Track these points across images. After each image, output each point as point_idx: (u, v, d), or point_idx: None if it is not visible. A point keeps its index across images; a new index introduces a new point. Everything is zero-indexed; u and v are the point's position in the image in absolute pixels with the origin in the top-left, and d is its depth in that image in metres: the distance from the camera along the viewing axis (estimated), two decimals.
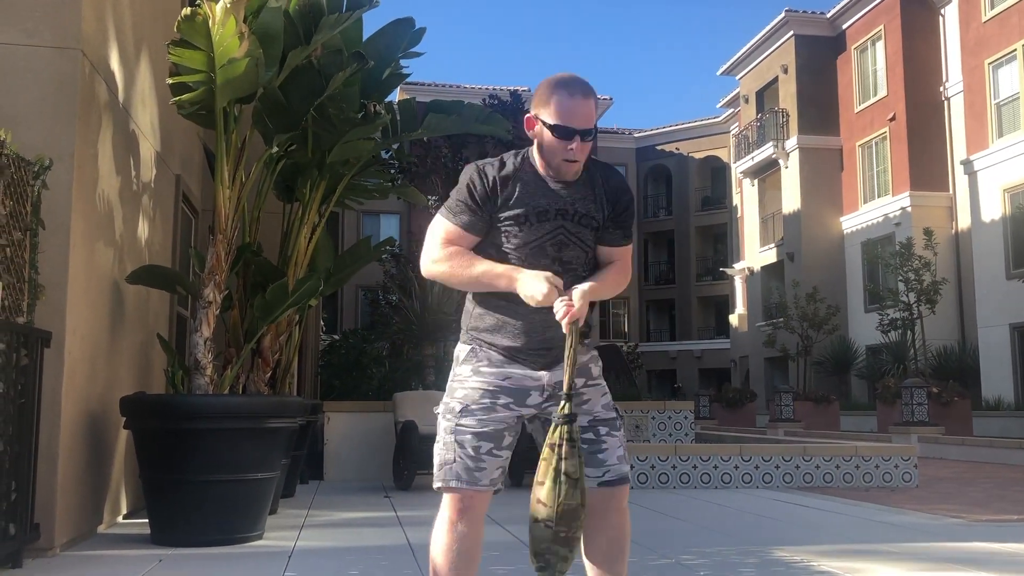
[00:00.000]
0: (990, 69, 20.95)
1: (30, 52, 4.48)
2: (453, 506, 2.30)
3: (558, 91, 2.28)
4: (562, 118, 2.26)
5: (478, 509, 2.32)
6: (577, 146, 2.28)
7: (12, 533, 3.78)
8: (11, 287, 3.82)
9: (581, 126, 2.27)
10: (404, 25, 6.20)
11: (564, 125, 2.26)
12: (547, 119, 2.28)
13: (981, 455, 13.30)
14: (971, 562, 4.34)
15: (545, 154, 2.33)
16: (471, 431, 2.31)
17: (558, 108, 2.26)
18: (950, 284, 22.24)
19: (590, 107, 2.29)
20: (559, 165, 2.31)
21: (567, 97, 2.27)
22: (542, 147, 2.33)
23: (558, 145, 2.28)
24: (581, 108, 2.27)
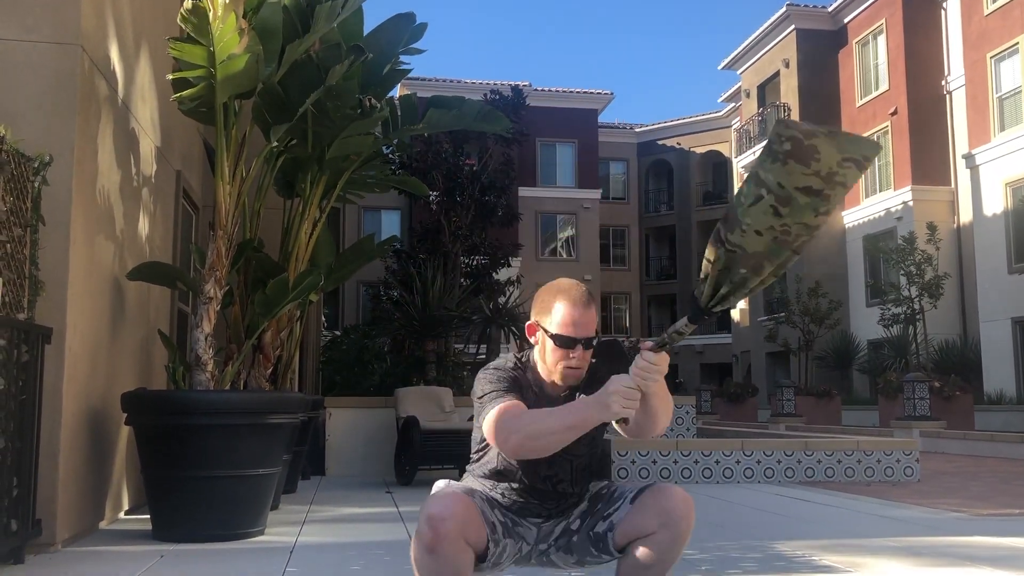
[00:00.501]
0: (992, 63, 20.90)
1: (30, 48, 4.48)
2: (429, 531, 2.16)
3: (560, 301, 2.33)
4: (564, 328, 2.31)
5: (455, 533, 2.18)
6: (580, 354, 2.32)
7: (14, 529, 3.78)
8: (11, 283, 3.81)
9: (583, 335, 2.31)
10: (405, 20, 6.18)
11: (567, 336, 2.30)
12: (549, 328, 2.33)
13: (983, 449, 13.30)
14: (973, 556, 4.34)
15: (547, 360, 2.36)
16: (467, 486, 2.40)
17: (560, 318, 2.31)
18: (952, 278, 22.22)
19: (592, 315, 2.34)
20: (561, 371, 2.35)
21: (570, 307, 2.31)
22: (544, 353, 2.37)
23: (560, 354, 2.32)
24: (583, 318, 2.31)
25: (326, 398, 9.50)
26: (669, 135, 40.83)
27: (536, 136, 30.79)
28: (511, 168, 19.67)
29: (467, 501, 2.26)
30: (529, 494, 2.42)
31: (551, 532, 2.45)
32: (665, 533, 2.29)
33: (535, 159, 33.19)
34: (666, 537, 2.29)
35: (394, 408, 8.67)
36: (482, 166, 18.77)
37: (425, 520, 2.17)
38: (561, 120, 33.14)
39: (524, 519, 2.44)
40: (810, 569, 4.00)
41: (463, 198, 17.96)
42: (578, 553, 2.43)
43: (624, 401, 2.11)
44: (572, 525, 2.45)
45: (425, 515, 2.18)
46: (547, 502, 2.44)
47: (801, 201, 1.76)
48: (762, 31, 30.01)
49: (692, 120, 40.34)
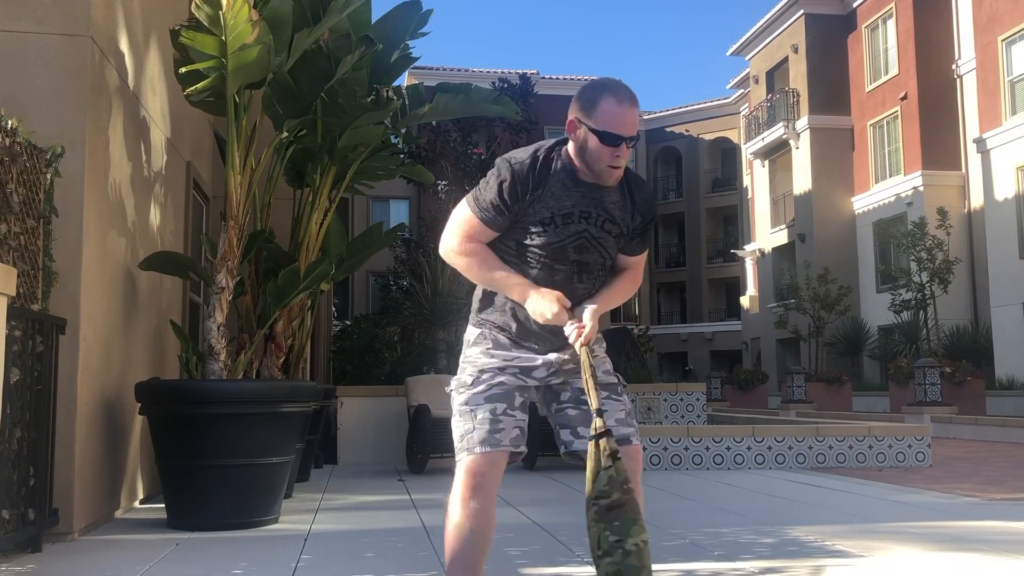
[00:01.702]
0: (1003, 46, 20.73)
1: (40, 40, 4.49)
2: (467, 482, 2.31)
3: (605, 97, 2.26)
4: (610, 125, 2.25)
5: (491, 483, 2.32)
6: (623, 152, 2.29)
7: (31, 518, 3.82)
8: (26, 275, 3.84)
9: (628, 133, 2.27)
10: (411, 7, 6.18)
11: (612, 132, 2.25)
12: (593, 125, 2.26)
13: (995, 434, 13.26)
14: (986, 540, 4.34)
15: (588, 159, 2.31)
16: (483, 395, 2.38)
17: (605, 115, 2.25)
18: (963, 263, 22.14)
19: (635, 115, 2.30)
20: (602, 171, 2.31)
21: (615, 104, 2.26)
22: (584, 151, 2.30)
23: (604, 152, 2.28)
24: (628, 116, 2.27)
25: (337, 387, 9.53)
26: (678, 122, 40.70)
27: (544, 124, 30.67)
28: None
29: (503, 456, 2.33)
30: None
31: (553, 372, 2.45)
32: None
33: None
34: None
35: (405, 397, 8.70)
36: (490, 154, 18.75)
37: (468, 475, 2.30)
38: (569, 108, 32.99)
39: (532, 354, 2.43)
40: (823, 554, 4.01)
41: (471, 186, 17.92)
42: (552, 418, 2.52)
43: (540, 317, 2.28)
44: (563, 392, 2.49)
45: (468, 472, 2.30)
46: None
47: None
48: (771, 16, 29.83)
49: (701, 107, 40.19)
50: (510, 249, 2.39)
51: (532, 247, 2.36)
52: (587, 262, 2.39)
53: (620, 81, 2.33)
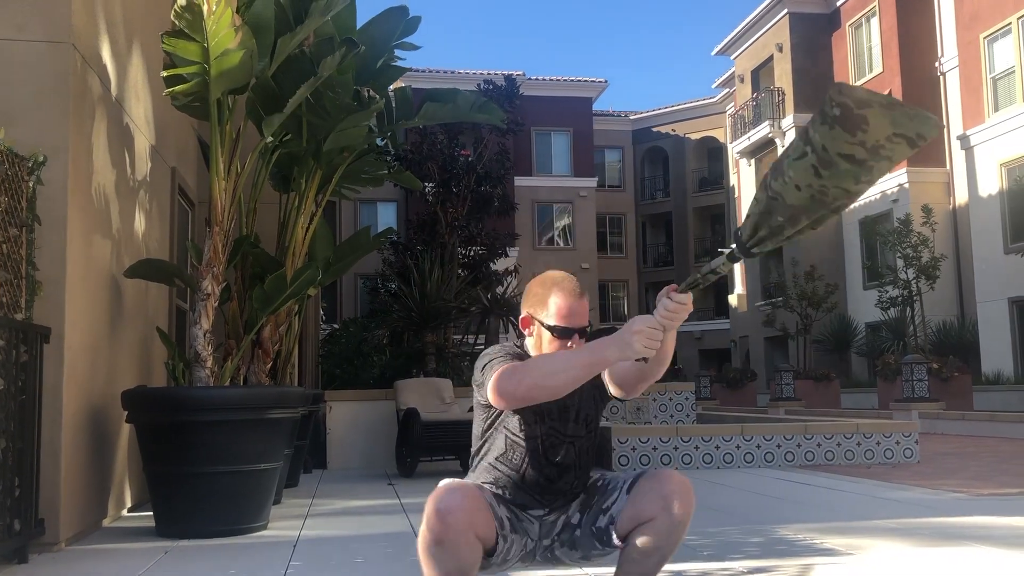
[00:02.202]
0: (985, 43, 20.87)
1: (21, 47, 4.46)
2: (437, 523, 2.15)
3: (555, 292, 2.37)
4: (561, 319, 2.35)
5: (463, 524, 2.17)
6: (576, 343, 2.35)
7: (17, 529, 3.79)
8: (9, 284, 3.81)
9: (579, 325, 2.35)
10: (398, 13, 6.17)
11: (564, 326, 2.35)
12: (546, 320, 2.37)
13: (982, 429, 13.35)
14: (974, 536, 4.36)
15: (544, 352, 2.38)
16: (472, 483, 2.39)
17: (556, 310, 2.36)
18: (949, 260, 22.26)
19: (585, 305, 2.39)
20: None
21: (565, 298, 2.36)
22: (540, 344, 2.39)
23: (558, 344, 2.36)
24: (578, 308, 2.36)
25: (326, 392, 9.50)
26: (664, 122, 40.80)
27: (531, 125, 30.75)
28: (506, 158, 19.66)
29: (475, 493, 2.26)
30: (531, 485, 2.42)
31: (553, 526, 2.46)
32: (665, 518, 2.29)
33: (530, 148, 33.16)
34: (666, 522, 2.29)
35: (394, 400, 8.69)
36: (477, 156, 18.76)
37: (434, 512, 2.15)
38: (555, 109, 33.09)
39: (526, 512, 2.44)
40: (812, 552, 4.02)
41: (459, 189, 17.95)
42: (582, 548, 2.44)
43: (647, 341, 2.03)
44: (572, 519, 2.46)
45: (433, 507, 2.16)
46: (547, 495, 2.44)
47: (842, 167, 1.72)
48: (755, 16, 29.95)
49: (687, 106, 40.30)
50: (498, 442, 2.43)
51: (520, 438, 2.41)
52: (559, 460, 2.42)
53: (566, 275, 2.43)
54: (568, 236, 34.56)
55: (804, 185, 1.77)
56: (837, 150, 1.69)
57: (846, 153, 1.69)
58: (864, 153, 1.69)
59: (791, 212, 1.84)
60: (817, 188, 1.77)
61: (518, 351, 2.42)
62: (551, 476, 2.42)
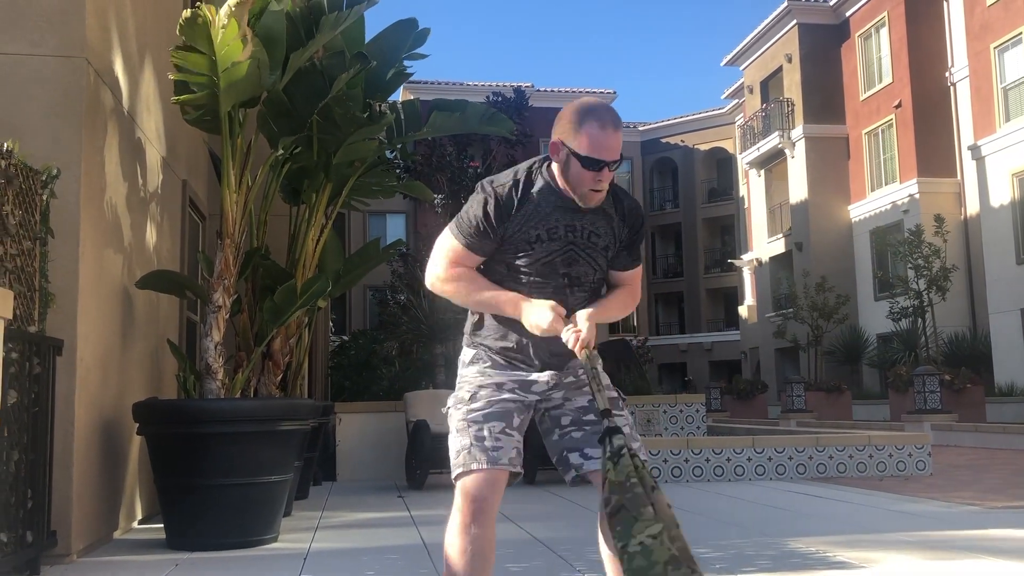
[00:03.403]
0: (996, 53, 20.83)
1: (36, 62, 4.50)
2: (466, 507, 2.27)
3: (588, 121, 2.24)
4: (592, 150, 2.23)
5: (491, 507, 2.29)
6: (606, 176, 2.27)
7: (30, 540, 3.80)
8: (22, 296, 3.83)
9: (610, 158, 2.25)
10: (407, 26, 6.20)
11: (594, 157, 2.23)
12: (576, 149, 2.24)
13: (995, 441, 13.25)
14: (988, 549, 4.33)
15: (570, 181, 2.30)
16: (482, 412, 2.35)
17: (588, 139, 2.23)
18: (960, 270, 22.15)
19: (619, 138, 2.27)
20: (584, 194, 2.30)
21: (598, 129, 2.23)
22: (567, 172, 2.30)
23: (586, 175, 2.26)
24: (611, 140, 2.24)
25: (336, 404, 9.51)
26: (673, 133, 40.81)
27: (539, 137, 30.72)
28: None
29: (501, 475, 2.29)
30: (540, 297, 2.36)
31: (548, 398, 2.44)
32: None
33: None
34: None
35: (404, 412, 8.68)
36: (486, 168, 18.79)
37: (466, 499, 2.26)
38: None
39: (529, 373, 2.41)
40: (825, 565, 4.00)
41: (468, 200, 17.96)
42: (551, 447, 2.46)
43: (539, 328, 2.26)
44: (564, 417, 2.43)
45: (468, 494, 2.26)
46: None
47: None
48: (764, 27, 29.96)
49: (695, 117, 40.30)
50: (498, 270, 2.38)
51: (520, 266, 2.35)
52: (577, 275, 2.38)
53: (604, 103, 2.30)
54: None
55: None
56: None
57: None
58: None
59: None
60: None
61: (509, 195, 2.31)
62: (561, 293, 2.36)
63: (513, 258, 2.36)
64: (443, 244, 2.40)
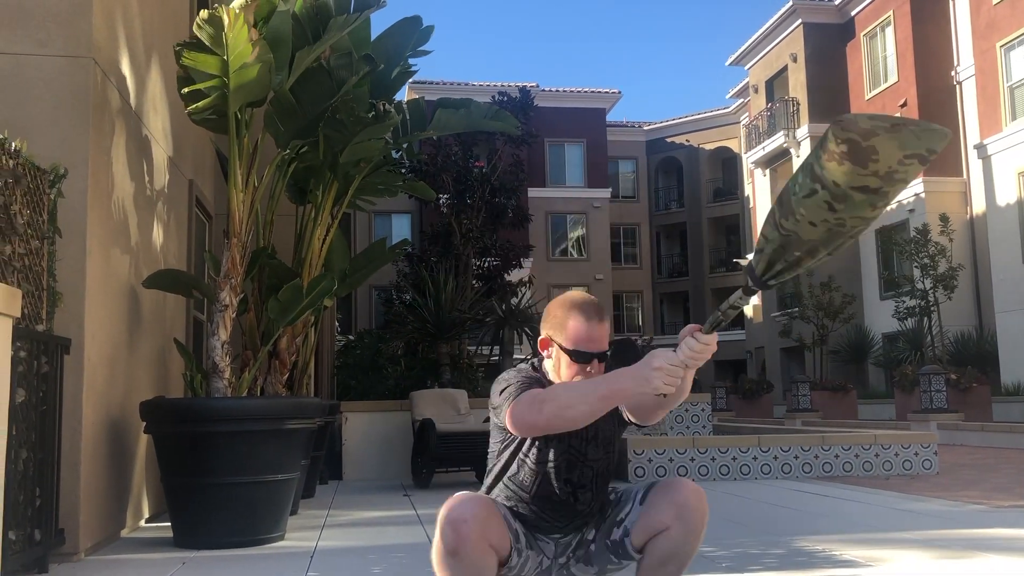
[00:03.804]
0: (1002, 52, 20.77)
1: (43, 62, 4.52)
2: (452, 533, 2.16)
3: (574, 316, 2.31)
4: (580, 343, 2.30)
5: (477, 535, 2.17)
6: (595, 368, 2.32)
7: (38, 539, 3.81)
8: (30, 295, 3.85)
9: (598, 350, 2.31)
10: (412, 24, 6.22)
11: (582, 351, 2.30)
12: (564, 343, 2.32)
13: (1002, 441, 13.22)
14: (994, 547, 4.32)
15: (562, 375, 2.35)
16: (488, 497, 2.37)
17: (575, 334, 2.30)
18: (966, 269, 22.10)
19: (605, 329, 2.33)
20: None
21: (584, 323, 2.30)
22: (559, 366, 2.35)
23: (577, 368, 2.32)
24: (597, 332, 2.31)
25: (342, 403, 9.53)
26: (678, 132, 40.78)
27: (544, 136, 30.80)
28: (520, 169, 19.68)
29: (488, 504, 2.25)
30: (546, 507, 2.39)
31: (568, 544, 2.45)
32: (679, 526, 2.28)
33: (544, 160, 33.21)
34: (681, 530, 2.28)
35: (410, 411, 8.70)
36: (491, 168, 18.80)
37: (447, 522, 2.15)
38: (569, 120, 33.15)
39: (542, 535, 2.43)
40: (831, 564, 4.00)
41: (473, 200, 17.98)
42: (598, 562, 2.43)
43: (666, 378, 2.02)
44: (587, 535, 2.44)
45: (446, 517, 2.16)
46: (563, 517, 2.42)
47: (857, 199, 1.69)
48: (769, 26, 29.93)
49: (700, 117, 40.27)
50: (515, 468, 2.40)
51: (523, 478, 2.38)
52: (575, 479, 2.39)
53: (588, 298, 2.36)
54: (582, 247, 34.54)
55: (819, 220, 1.75)
56: (850, 184, 1.67)
57: (859, 185, 1.67)
58: (878, 182, 1.67)
59: (808, 246, 1.82)
60: (834, 221, 1.75)
61: (534, 375, 2.37)
62: (567, 497, 2.39)
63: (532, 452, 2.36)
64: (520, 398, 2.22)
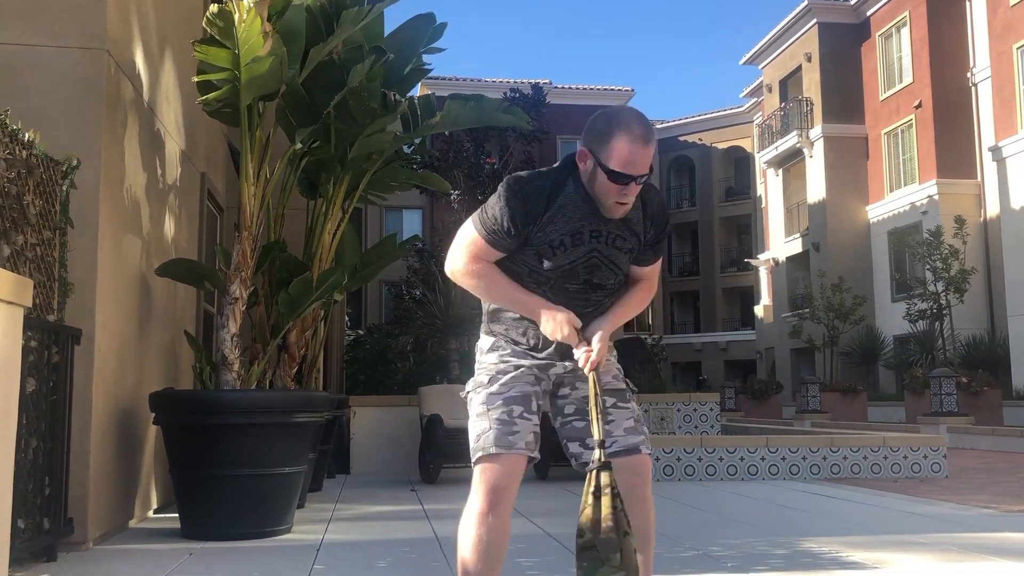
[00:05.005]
0: (1018, 54, 20.62)
1: (57, 53, 4.54)
2: (486, 496, 2.26)
3: (618, 134, 2.16)
4: (621, 164, 2.16)
5: (509, 496, 2.29)
6: (632, 190, 2.22)
7: (46, 527, 3.84)
8: (41, 285, 3.87)
9: (638, 172, 2.18)
10: (425, 20, 6.21)
11: (622, 172, 2.17)
12: (604, 160, 2.17)
13: (1012, 445, 13.14)
14: (1003, 552, 4.30)
15: (596, 191, 2.24)
16: (501, 396, 2.35)
17: (618, 153, 2.16)
18: (979, 272, 21.96)
19: (650, 153, 2.19)
20: (609, 206, 2.25)
21: (627, 143, 2.15)
22: (592, 182, 2.24)
23: (612, 188, 2.20)
24: (641, 155, 2.16)
25: (350, 397, 9.55)
26: (690, 131, 40.66)
27: (557, 133, 30.77)
28: (532, 166, 19.68)
29: (519, 463, 2.30)
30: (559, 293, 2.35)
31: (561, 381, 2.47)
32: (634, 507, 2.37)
33: (556, 157, 33.15)
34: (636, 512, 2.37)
35: (418, 406, 8.71)
36: (503, 164, 18.80)
37: (490, 488, 2.26)
38: (581, 117, 32.78)
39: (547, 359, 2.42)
40: (837, 566, 3.98)
41: (485, 196, 17.98)
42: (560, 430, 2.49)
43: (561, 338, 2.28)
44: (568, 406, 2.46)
45: (488, 482, 2.26)
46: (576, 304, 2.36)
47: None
48: (783, 25, 29.80)
49: (713, 116, 40.13)
50: (519, 269, 2.34)
51: (541, 269, 2.32)
52: (599, 280, 2.35)
53: (636, 114, 2.21)
54: None
55: None
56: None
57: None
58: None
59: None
60: None
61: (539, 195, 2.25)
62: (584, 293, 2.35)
63: (534, 258, 2.32)
64: (465, 236, 2.35)
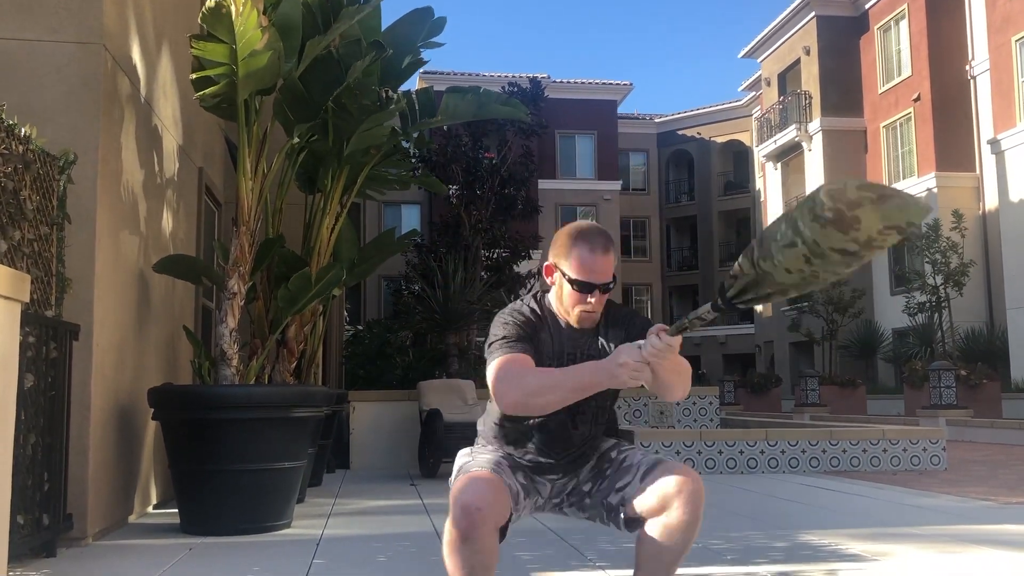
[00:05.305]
0: (1017, 47, 20.61)
1: (54, 48, 4.52)
2: (461, 519, 2.17)
3: (579, 245, 2.32)
4: (583, 273, 2.31)
5: (488, 518, 2.19)
6: (596, 299, 2.34)
7: (46, 523, 3.84)
8: (39, 281, 3.86)
9: (600, 281, 2.32)
10: (423, 15, 6.20)
11: (585, 280, 2.31)
12: (567, 271, 2.33)
13: (1011, 438, 13.16)
14: (1002, 543, 4.31)
15: (564, 302, 2.38)
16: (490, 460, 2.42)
17: (579, 263, 2.31)
18: (978, 265, 21.97)
19: (610, 262, 2.33)
20: (577, 314, 2.37)
21: (588, 253, 2.31)
22: (561, 294, 2.38)
23: (578, 297, 2.34)
24: (601, 264, 2.31)
25: (350, 392, 9.55)
26: (689, 125, 40.62)
27: (555, 128, 30.74)
28: (531, 160, 19.64)
29: (499, 485, 2.28)
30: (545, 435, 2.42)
31: (564, 488, 2.50)
32: (673, 516, 2.28)
33: (554, 151, 33.13)
34: (674, 521, 2.28)
35: (417, 401, 8.71)
36: (501, 159, 18.76)
37: (460, 509, 2.17)
38: (580, 111, 33.04)
39: (540, 476, 2.48)
40: (837, 558, 3.99)
41: (483, 191, 17.96)
42: (590, 512, 2.50)
43: (632, 373, 2.10)
44: (584, 487, 2.49)
45: (459, 503, 2.18)
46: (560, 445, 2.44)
47: (834, 258, 1.77)
48: (782, 19, 29.76)
49: (712, 109, 40.10)
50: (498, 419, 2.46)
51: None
52: (580, 408, 2.38)
53: (595, 226, 2.37)
54: None
55: (795, 269, 1.83)
56: (829, 245, 1.74)
57: (838, 248, 1.75)
58: (856, 247, 1.74)
59: (780, 287, 1.91)
60: (808, 272, 1.82)
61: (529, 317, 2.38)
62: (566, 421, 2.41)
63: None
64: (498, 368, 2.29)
